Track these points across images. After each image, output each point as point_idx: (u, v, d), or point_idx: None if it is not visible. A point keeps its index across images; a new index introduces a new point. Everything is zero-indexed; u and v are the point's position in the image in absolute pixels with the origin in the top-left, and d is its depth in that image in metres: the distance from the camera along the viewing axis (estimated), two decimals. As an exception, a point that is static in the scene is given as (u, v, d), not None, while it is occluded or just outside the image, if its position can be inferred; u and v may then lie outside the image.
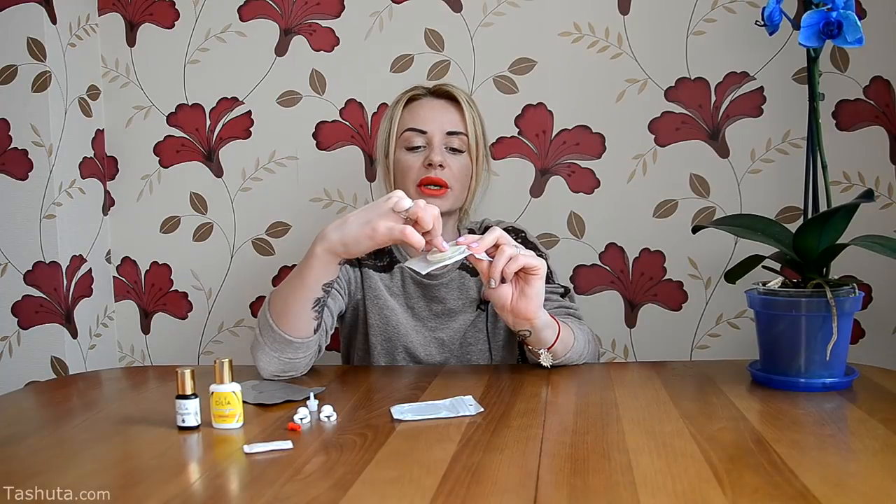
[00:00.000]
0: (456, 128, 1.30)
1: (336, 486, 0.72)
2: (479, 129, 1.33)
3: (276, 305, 1.14)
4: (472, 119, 1.31)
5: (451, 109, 1.31)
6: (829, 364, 1.03)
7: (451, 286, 1.34)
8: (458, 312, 1.34)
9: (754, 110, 1.49)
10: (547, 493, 0.69)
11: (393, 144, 1.32)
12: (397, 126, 1.31)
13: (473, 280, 1.35)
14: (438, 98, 1.33)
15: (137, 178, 1.68)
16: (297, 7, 1.60)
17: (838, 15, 1.01)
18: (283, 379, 1.17)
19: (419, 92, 1.34)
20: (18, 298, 1.54)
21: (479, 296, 1.34)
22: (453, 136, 1.30)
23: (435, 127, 1.29)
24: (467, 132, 1.30)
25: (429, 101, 1.33)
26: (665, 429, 0.87)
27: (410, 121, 1.30)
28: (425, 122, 1.29)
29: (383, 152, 1.34)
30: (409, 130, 1.30)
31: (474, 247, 1.05)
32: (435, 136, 1.29)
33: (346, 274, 1.34)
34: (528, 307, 1.08)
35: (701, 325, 1.54)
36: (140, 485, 0.75)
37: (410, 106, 1.33)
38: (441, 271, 1.33)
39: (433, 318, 1.35)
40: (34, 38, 1.49)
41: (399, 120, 1.32)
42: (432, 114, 1.30)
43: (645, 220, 1.53)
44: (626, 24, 1.51)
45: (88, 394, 1.20)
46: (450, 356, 1.34)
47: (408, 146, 1.30)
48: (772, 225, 1.15)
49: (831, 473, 0.72)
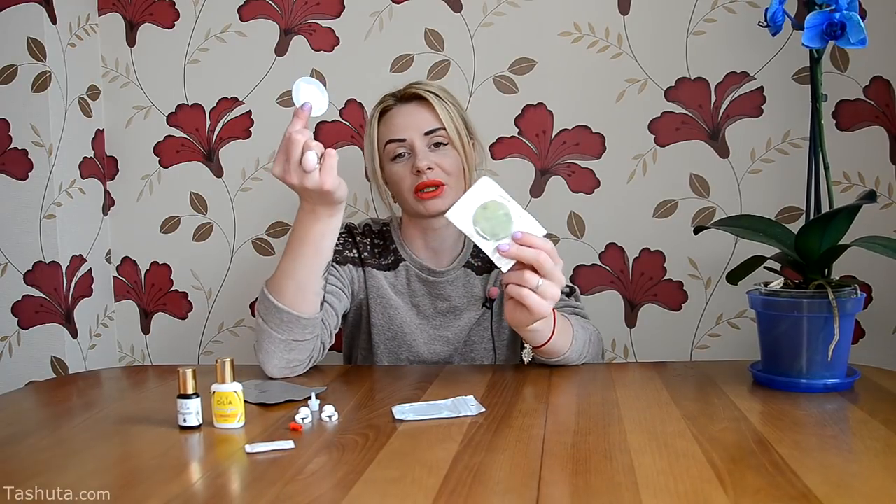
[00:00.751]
0: (431, 126, 1.29)
1: (338, 486, 0.72)
2: (458, 119, 1.31)
3: (282, 284, 1.14)
4: (445, 112, 1.29)
5: (421, 110, 1.30)
6: (830, 365, 1.03)
7: (457, 284, 1.34)
8: (463, 310, 1.34)
9: (754, 110, 1.49)
10: (549, 494, 0.69)
11: (378, 160, 1.32)
12: (377, 141, 1.32)
13: (479, 278, 1.35)
14: (407, 102, 1.32)
15: (137, 178, 1.68)
16: (297, 7, 1.60)
17: (841, 16, 1.01)
18: (288, 373, 1.18)
19: (389, 103, 1.33)
20: (18, 298, 1.54)
21: (485, 294, 1.34)
22: (432, 135, 1.29)
23: (412, 132, 1.28)
24: (444, 126, 1.29)
25: (399, 108, 1.32)
26: (667, 429, 0.87)
27: (388, 133, 1.30)
28: (401, 129, 1.29)
29: (373, 172, 1.34)
30: (390, 142, 1.29)
31: (504, 249, 1.02)
32: (415, 140, 1.28)
33: (350, 274, 1.34)
34: (512, 320, 1.07)
35: (701, 325, 1.54)
36: (141, 485, 0.75)
37: (385, 118, 1.32)
38: (445, 269, 1.34)
39: (438, 316, 1.35)
40: (34, 38, 1.49)
41: (378, 134, 1.32)
42: (406, 120, 1.30)
43: (645, 220, 1.53)
44: (626, 24, 1.51)
45: (88, 393, 1.20)
46: (454, 354, 1.34)
47: (393, 157, 1.30)
48: (773, 226, 1.15)
49: (833, 474, 0.72)
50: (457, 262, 1.35)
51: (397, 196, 1.32)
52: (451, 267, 1.35)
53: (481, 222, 1.03)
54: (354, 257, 1.35)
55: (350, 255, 1.35)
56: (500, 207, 1.03)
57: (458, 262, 1.35)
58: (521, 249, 1.02)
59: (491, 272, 1.36)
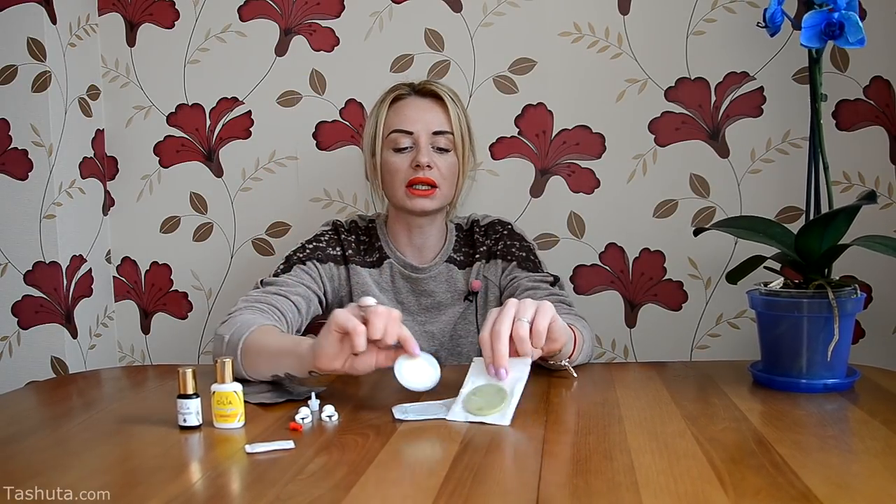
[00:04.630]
0: (442, 127, 1.29)
1: (338, 486, 0.72)
2: (465, 126, 1.32)
3: (250, 357, 1.10)
4: (457, 117, 1.30)
5: (436, 108, 1.31)
6: (830, 365, 1.03)
7: (439, 279, 1.35)
8: (447, 305, 1.35)
9: (754, 110, 1.49)
10: (549, 494, 0.69)
11: (379, 144, 1.32)
12: (383, 127, 1.31)
13: (461, 272, 1.36)
14: (423, 97, 1.32)
15: (137, 178, 1.68)
16: (297, 7, 1.60)
17: (840, 16, 1.01)
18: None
19: (403, 91, 1.33)
20: (18, 298, 1.54)
21: (467, 287, 1.34)
22: (439, 136, 1.29)
23: (421, 127, 1.28)
24: (453, 131, 1.30)
25: (413, 100, 1.32)
26: (667, 429, 0.87)
27: (396, 122, 1.30)
28: (411, 122, 1.29)
29: (369, 151, 1.34)
30: (396, 132, 1.29)
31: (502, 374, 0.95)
32: (421, 136, 1.28)
33: (329, 272, 1.34)
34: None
35: (701, 325, 1.54)
36: (141, 485, 0.75)
37: (395, 106, 1.32)
38: (428, 265, 1.34)
39: (422, 312, 1.35)
40: (34, 38, 1.49)
41: (385, 120, 1.31)
42: (418, 114, 1.30)
43: (645, 220, 1.53)
44: (626, 24, 1.51)
45: (88, 393, 1.20)
46: (440, 349, 1.34)
47: (395, 147, 1.30)
48: (773, 226, 1.15)
49: (833, 474, 0.72)
50: (439, 258, 1.36)
51: (387, 186, 1.32)
52: (434, 263, 1.35)
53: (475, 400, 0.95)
54: (337, 255, 1.35)
55: (333, 252, 1.35)
56: (490, 387, 0.96)
57: (441, 258, 1.36)
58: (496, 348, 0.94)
59: (473, 265, 1.36)
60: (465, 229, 1.41)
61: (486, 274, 1.35)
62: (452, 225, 1.40)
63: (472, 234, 1.39)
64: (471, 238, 1.39)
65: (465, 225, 1.41)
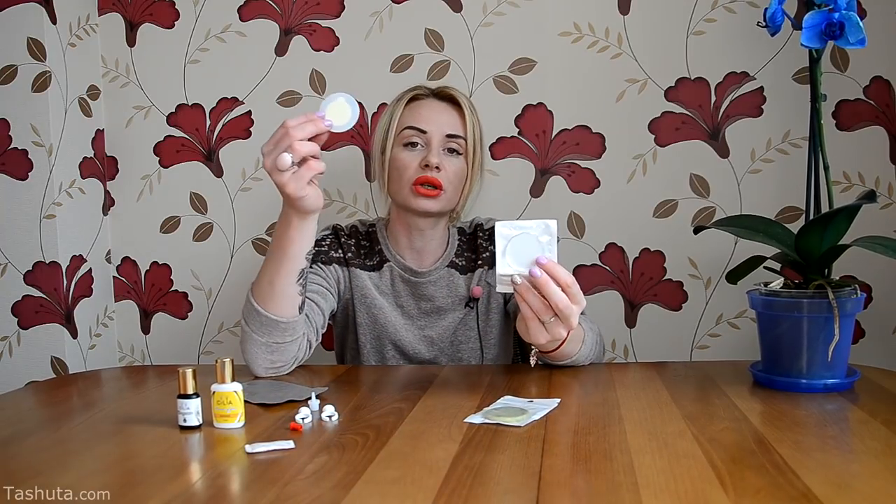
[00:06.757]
0: (455, 131, 1.30)
1: (338, 486, 0.72)
2: (478, 134, 1.33)
3: (260, 287, 1.15)
4: (472, 124, 1.31)
5: (452, 112, 1.32)
6: (830, 365, 1.03)
7: (440, 284, 1.35)
8: (447, 310, 1.35)
9: (754, 110, 1.49)
10: (549, 494, 0.69)
11: (391, 141, 1.32)
12: (397, 123, 1.32)
13: (462, 278, 1.36)
14: (441, 100, 1.33)
15: (137, 178, 1.68)
16: (297, 7, 1.60)
17: (840, 16, 1.00)
18: (274, 373, 1.18)
19: (422, 92, 1.34)
20: (18, 298, 1.54)
21: (468, 293, 1.34)
22: (452, 139, 1.30)
23: (435, 128, 1.29)
24: (466, 136, 1.30)
25: (431, 102, 1.33)
26: (667, 429, 0.87)
27: (411, 119, 1.31)
28: (426, 121, 1.29)
29: (380, 148, 1.35)
30: (409, 129, 1.30)
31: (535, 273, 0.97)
32: (434, 136, 1.29)
33: (335, 273, 1.34)
34: (519, 329, 1.05)
35: (701, 325, 1.54)
36: (141, 485, 0.75)
37: (412, 105, 1.33)
38: (428, 269, 1.34)
39: (422, 316, 1.35)
40: (34, 38, 1.49)
41: (400, 117, 1.32)
42: (433, 115, 1.31)
43: (645, 220, 1.53)
44: (626, 24, 1.51)
45: (89, 393, 1.20)
46: (439, 354, 1.34)
47: (406, 143, 1.30)
48: (773, 226, 1.15)
49: (834, 474, 0.72)
50: (440, 263, 1.36)
51: (393, 183, 1.32)
52: (434, 267, 1.35)
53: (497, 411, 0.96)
54: (339, 258, 1.36)
55: (335, 255, 1.35)
56: (514, 409, 0.96)
57: (442, 263, 1.36)
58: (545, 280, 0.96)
59: (475, 271, 1.36)
60: (467, 233, 1.40)
61: (489, 280, 1.35)
62: (455, 230, 1.40)
63: (475, 238, 1.39)
64: (473, 242, 1.39)
65: (467, 229, 1.41)
